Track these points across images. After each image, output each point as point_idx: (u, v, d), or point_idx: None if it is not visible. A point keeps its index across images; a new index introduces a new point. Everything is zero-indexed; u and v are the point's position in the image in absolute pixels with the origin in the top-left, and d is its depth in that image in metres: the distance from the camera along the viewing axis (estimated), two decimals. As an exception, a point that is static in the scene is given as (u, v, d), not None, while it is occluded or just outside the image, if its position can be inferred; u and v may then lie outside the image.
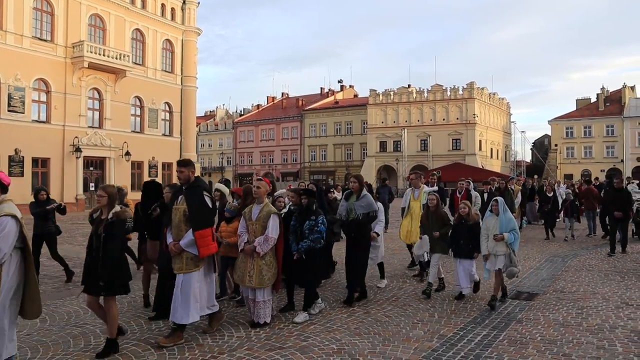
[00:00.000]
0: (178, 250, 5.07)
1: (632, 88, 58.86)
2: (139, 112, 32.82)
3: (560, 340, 5.14)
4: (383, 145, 57.85)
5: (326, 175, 60.36)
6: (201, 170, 54.49)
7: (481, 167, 46.29)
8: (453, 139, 54.44)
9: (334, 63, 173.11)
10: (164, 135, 34.49)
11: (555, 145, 59.21)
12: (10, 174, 24.67)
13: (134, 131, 32.24)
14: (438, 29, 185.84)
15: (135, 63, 31.79)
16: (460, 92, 54.26)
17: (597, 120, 56.95)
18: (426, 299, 6.85)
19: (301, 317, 5.79)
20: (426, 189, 8.78)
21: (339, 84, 72.78)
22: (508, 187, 14.06)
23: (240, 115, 76.83)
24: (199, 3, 36.78)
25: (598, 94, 59.06)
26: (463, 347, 4.92)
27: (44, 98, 27.50)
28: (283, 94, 75.99)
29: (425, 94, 56.35)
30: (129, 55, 30.65)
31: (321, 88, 72.62)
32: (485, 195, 12.07)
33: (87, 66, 28.31)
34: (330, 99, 68.17)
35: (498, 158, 59.42)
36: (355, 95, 71.05)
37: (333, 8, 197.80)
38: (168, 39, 34.60)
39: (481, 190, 12.51)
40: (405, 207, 8.69)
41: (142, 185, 6.88)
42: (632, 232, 13.54)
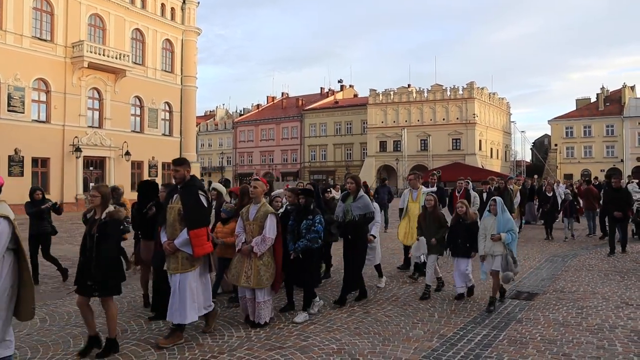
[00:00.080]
0: (172, 249, 5.03)
1: (632, 88, 58.85)
2: (138, 112, 32.83)
3: (560, 340, 5.14)
4: (383, 145, 57.86)
5: (326, 175, 60.38)
6: (201, 170, 54.43)
7: (481, 167, 46.32)
8: (453, 139, 54.46)
9: (333, 63, 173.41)
10: (163, 135, 34.51)
11: (555, 145, 59.23)
12: (10, 174, 24.73)
13: (134, 131, 32.26)
14: (438, 29, 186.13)
15: (135, 63, 31.80)
16: (460, 92, 54.28)
17: (597, 120, 56.97)
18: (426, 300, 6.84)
19: (301, 317, 5.79)
20: (424, 189, 8.72)
21: (339, 83, 72.94)
22: (507, 187, 14.03)
23: (240, 115, 76.85)
24: (198, 3, 36.79)
25: (598, 94, 59.08)
26: (463, 347, 4.93)
27: (43, 98, 27.50)
28: (283, 93, 76.00)
29: (425, 94, 56.37)
30: (128, 55, 30.66)
31: (321, 88, 72.70)
32: (484, 195, 12.05)
33: (87, 66, 28.32)
34: (330, 98, 68.17)
35: (498, 158, 59.43)
36: (355, 95, 71.05)
37: (333, 8, 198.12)
38: (168, 39, 34.61)
39: (480, 190, 12.49)
40: (404, 208, 8.61)
41: (138, 184, 6.83)
42: (632, 232, 13.54)
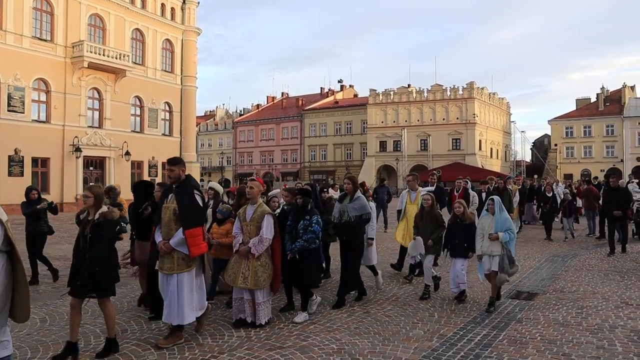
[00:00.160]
0: (168, 249, 4.99)
1: (632, 88, 58.85)
2: (138, 112, 32.81)
3: (560, 340, 5.14)
4: (383, 145, 57.86)
5: (326, 175, 60.32)
6: (201, 170, 54.42)
7: (481, 167, 46.31)
8: (453, 139, 54.45)
9: (333, 63, 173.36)
10: (163, 135, 34.48)
11: (555, 145, 59.23)
12: (10, 174, 24.78)
13: (134, 131, 32.23)
14: (438, 29, 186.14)
15: (135, 63, 31.77)
16: (460, 92, 54.27)
17: (597, 120, 56.95)
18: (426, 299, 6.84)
19: (301, 317, 5.78)
20: (422, 190, 8.66)
21: (339, 83, 72.95)
22: (507, 187, 14.00)
23: (240, 115, 76.85)
24: (198, 3, 36.78)
25: (598, 94, 59.05)
26: (463, 347, 4.93)
27: (43, 98, 27.48)
28: (283, 93, 76.00)
29: (425, 94, 56.36)
30: (128, 55, 30.63)
31: (321, 88, 72.70)
32: (483, 195, 12.02)
33: (87, 66, 28.29)
34: (330, 98, 68.17)
35: (498, 158, 59.43)
36: (355, 95, 71.03)
37: (333, 8, 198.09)
38: (168, 39, 34.59)
39: (479, 190, 12.47)
40: (402, 210, 8.55)
41: (133, 184, 6.80)
42: (632, 232, 13.54)
